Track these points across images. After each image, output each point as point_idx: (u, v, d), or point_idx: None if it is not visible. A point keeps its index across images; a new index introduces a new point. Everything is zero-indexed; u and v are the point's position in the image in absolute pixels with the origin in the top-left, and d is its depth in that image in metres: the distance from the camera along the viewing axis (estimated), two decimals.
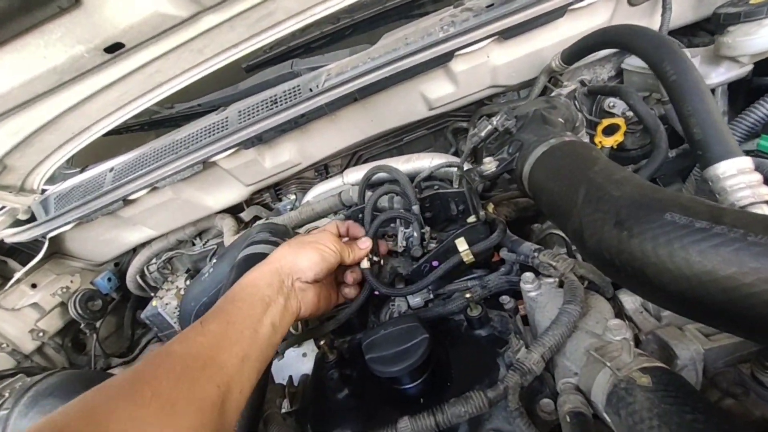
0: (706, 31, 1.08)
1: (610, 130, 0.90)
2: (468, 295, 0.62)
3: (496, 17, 0.88)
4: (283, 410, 0.66)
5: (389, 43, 0.98)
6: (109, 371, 1.39)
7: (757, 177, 0.45)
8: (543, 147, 0.57)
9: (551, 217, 0.53)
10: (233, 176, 1.11)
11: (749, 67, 0.80)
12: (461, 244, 0.69)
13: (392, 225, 0.85)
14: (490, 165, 0.66)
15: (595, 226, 0.41)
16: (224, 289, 0.63)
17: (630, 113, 0.98)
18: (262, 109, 1.02)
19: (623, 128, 0.87)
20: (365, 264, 0.73)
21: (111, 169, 1.18)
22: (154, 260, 1.39)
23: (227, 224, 1.25)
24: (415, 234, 0.75)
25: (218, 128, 1.03)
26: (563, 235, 0.81)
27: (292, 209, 1.32)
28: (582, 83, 1.06)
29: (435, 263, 0.73)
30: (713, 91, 0.94)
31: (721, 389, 0.50)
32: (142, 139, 1.61)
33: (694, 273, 0.33)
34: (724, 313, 0.32)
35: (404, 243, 0.78)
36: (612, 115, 1.05)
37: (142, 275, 1.39)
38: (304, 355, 0.88)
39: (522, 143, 0.64)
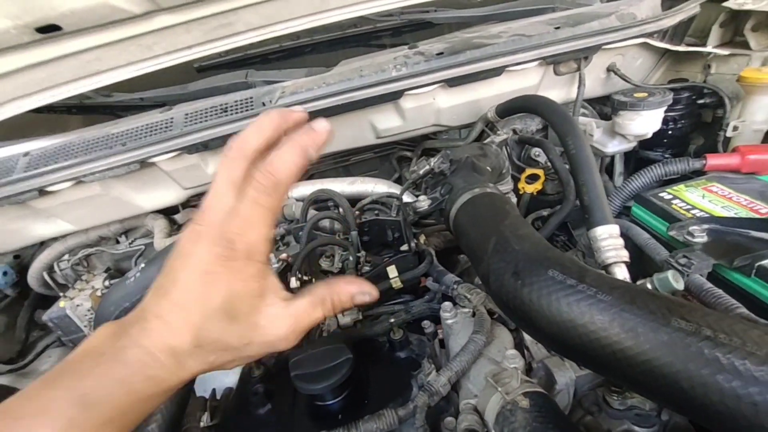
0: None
1: (532, 178, 1.03)
2: (392, 320, 0.68)
3: (445, 66, 0.97)
4: (203, 424, 0.66)
5: (345, 72, 1.04)
6: None
7: (621, 242, 0.57)
8: (468, 195, 0.66)
9: (468, 257, 0.62)
10: (172, 178, 1.07)
11: (634, 143, 0.98)
12: (392, 272, 0.76)
13: (330, 245, 0.90)
14: (423, 203, 0.74)
15: (498, 273, 0.49)
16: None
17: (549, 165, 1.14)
18: (211, 115, 1.01)
19: (542, 178, 1.01)
20: (294, 283, 0.76)
21: (26, 154, 1.08)
22: (67, 256, 1.28)
23: (159, 225, 1.20)
24: (351, 258, 0.80)
25: (162, 128, 1.00)
26: None
27: None
28: (514, 132, 1.21)
29: None
30: (612, 157, 1.13)
31: (583, 408, 0.62)
32: (66, 124, 1.48)
33: (563, 320, 0.42)
34: (580, 353, 0.41)
35: (340, 264, 0.83)
36: (537, 163, 1.20)
37: (51, 271, 1.26)
38: None
39: (452, 187, 0.73)
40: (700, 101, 1.05)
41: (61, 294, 1.21)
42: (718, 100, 1.01)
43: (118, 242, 1.33)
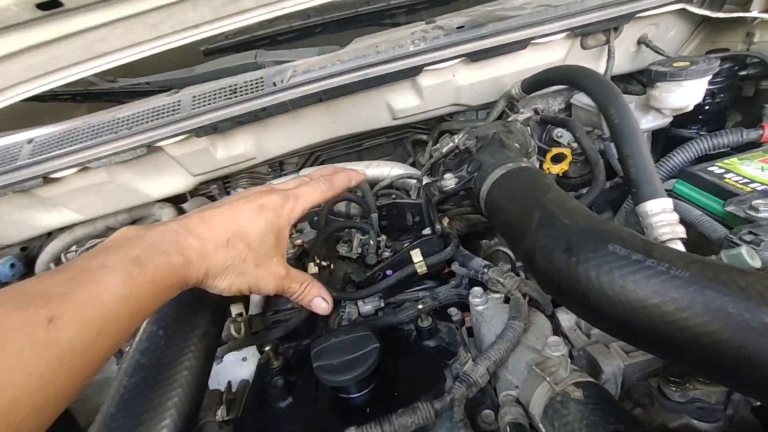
0: (638, 81, 1.22)
1: (557, 159, 0.97)
2: (420, 306, 0.63)
3: (466, 39, 0.91)
4: (219, 418, 0.62)
5: (360, 49, 0.98)
6: None
7: (675, 217, 0.52)
8: (501, 170, 0.61)
9: (504, 236, 0.57)
10: (180, 164, 1.03)
11: (670, 119, 0.91)
12: (416, 256, 0.71)
13: (347, 230, 0.85)
14: (450, 181, 0.69)
15: (546, 250, 0.44)
16: None
17: (575, 144, 1.08)
18: (220, 97, 0.96)
19: (569, 158, 0.95)
20: (313, 269, 0.72)
21: (30, 141, 1.04)
22: (74, 247, 1.25)
23: (167, 214, 1.16)
24: (371, 242, 0.75)
25: (168, 111, 0.96)
26: (508, 252, 0.86)
27: None
28: (535, 111, 1.14)
29: (389, 272, 0.73)
30: None
31: (633, 400, 0.57)
32: (71, 112, 1.44)
33: (629, 300, 0.36)
34: (647, 336, 0.36)
35: (359, 250, 0.78)
36: (559, 144, 1.14)
37: (58, 262, 1.23)
38: (244, 359, 0.84)
39: (481, 164, 0.68)
40: (742, 72, 0.98)
41: None
42: (764, 69, 0.94)
43: None
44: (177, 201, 1.21)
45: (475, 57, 0.93)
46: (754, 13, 1.00)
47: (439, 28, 0.99)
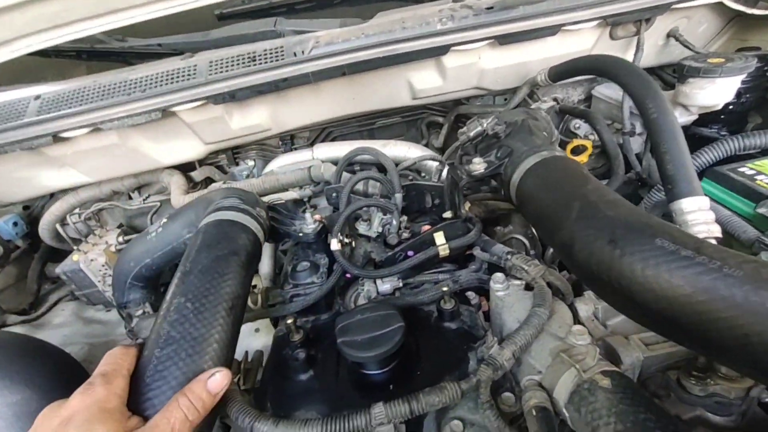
0: (659, 77, 1.20)
1: (577, 151, 0.97)
2: (445, 288, 0.63)
3: (495, 21, 0.89)
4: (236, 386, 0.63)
5: (385, 23, 0.95)
6: (5, 329, 1.21)
7: (712, 216, 0.52)
8: (535, 158, 0.60)
9: (537, 225, 0.56)
10: (193, 131, 1.00)
11: (695, 116, 0.90)
12: (439, 238, 0.71)
13: (365, 208, 0.84)
14: (479, 165, 0.68)
15: (587, 241, 0.44)
16: (189, 257, 0.58)
17: (592, 136, 1.07)
18: (239, 64, 0.93)
19: (590, 150, 0.94)
20: (336, 245, 0.71)
21: (37, 97, 1.00)
22: (78, 209, 1.22)
23: (176, 182, 1.14)
24: (394, 222, 0.75)
25: (184, 75, 0.92)
26: (523, 239, 0.86)
27: (248, 176, 1.25)
28: (555, 101, 1.13)
29: (410, 253, 0.73)
30: None
31: (649, 391, 0.58)
32: (72, 69, 1.38)
33: (676, 295, 0.37)
34: (692, 333, 0.37)
35: (380, 229, 0.78)
36: (575, 135, 1.13)
37: (63, 224, 1.21)
38: (257, 330, 0.84)
39: (512, 150, 0.67)
40: None
41: (74, 247, 1.17)
42: None
43: (130, 198, 1.27)
44: (186, 169, 1.19)
45: (503, 40, 0.91)
46: None
47: (468, 7, 0.95)
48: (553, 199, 0.52)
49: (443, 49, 0.91)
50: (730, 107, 0.99)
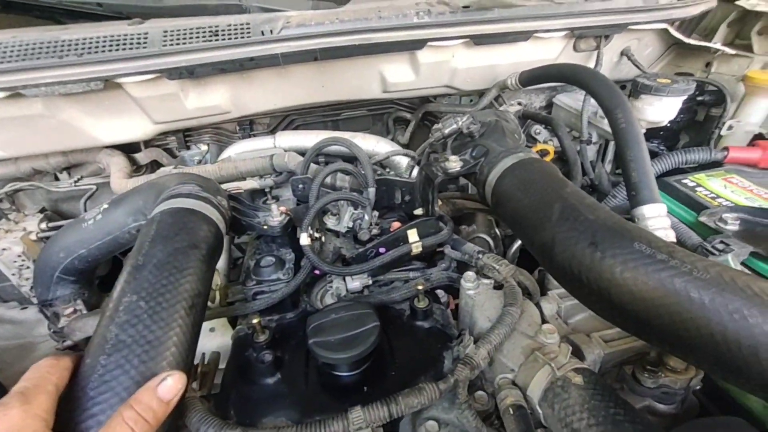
0: None
1: (539, 155, 1.01)
2: (420, 287, 0.63)
3: (472, 21, 0.89)
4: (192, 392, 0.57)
5: (360, 11, 0.92)
6: None
7: (669, 222, 0.56)
8: (512, 158, 0.61)
9: (515, 225, 0.57)
10: (141, 108, 0.90)
11: (643, 131, 0.98)
12: (413, 235, 0.70)
13: (334, 202, 0.81)
14: (455, 164, 0.68)
15: (568, 243, 0.45)
16: (141, 249, 0.51)
17: (551, 142, 1.13)
18: (198, 37, 0.84)
19: (551, 155, 0.98)
20: (306, 240, 0.68)
21: None
22: None
23: (117, 163, 1.01)
24: (366, 217, 0.72)
25: (132, 43, 0.82)
26: (487, 238, 0.88)
27: (200, 161, 1.15)
28: (519, 104, 1.17)
29: (381, 250, 0.71)
30: (605, 144, 1.14)
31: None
32: None
33: (651, 297, 0.39)
34: (665, 333, 0.39)
35: (350, 224, 0.75)
36: (535, 140, 1.18)
37: None
38: (212, 329, 0.78)
39: (488, 150, 0.67)
40: (700, 98, 1.08)
41: None
42: (717, 98, 1.04)
43: (57, 178, 1.11)
44: (128, 150, 1.07)
45: (478, 40, 0.92)
46: (717, 45, 1.11)
47: (444, 3, 0.95)
48: (532, 201, 0.53)
49: (420, 44, 0.90)
50: (668, 125, 1.09)
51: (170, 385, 0.40)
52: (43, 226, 1.00)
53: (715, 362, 0.37)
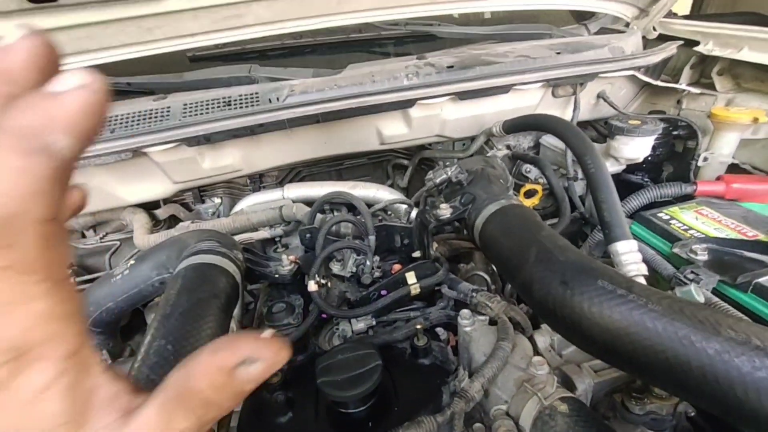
0: (594, 128, 1.39)
1: (529, 194, 1.08)
2: (419, 326, 0.68)
3: (456, 79, 1.00)
4: None
5: (356, 76, 1.03)
6: None
7: (639, 256, 0.62)
8: (495, 205, 0.68)
9: (499, 266, 0.63)
10: (163, 171, 1.00)
11: (623, 166, 1.06)
12: (411, 278, 0.76)
13: (340, 249, 0.88)
14: (446, 211, 0.75)
15: (544, 282, 0.51)
16: (168, 302, 0.58)
17: (541, 180, 1.20)
18: (214, 107, 0.96)
19: (540, 194, 1.06)
20: (313, 287, 0.74)
21: None
22: None
23: (139, 220, 1.11)
24: (368, 263, 0.79)
25: (157, 117, 0.93)
26: (485, 275, 0.94)
27: (214, 213, 1.24)
28: (508, 148, 1.26)
29: (383, 292, 0.77)
30: None
31: (599, 413, 0.65)
32: None
33: (615, 328, 0.44)
34: (630, 360, 0.44)
35: (353, 269, 0.81)
36: (527, 179, 1.26)
37: None
38: None
39: (474, 197, 0.75)
40: (675, 132, 1.16)
41: None
42: (691, 132, 1.12)
43: (84, 236, 1.21)
44: (148, 206, 1.17)
45: (463, 96, 1.02)
46: (682, 86, 1.21)
47: (431, 65, 1.07)
48: (512, 244, 0.59)
49: (410, 103, 1.01)
50: (649, 158, 1.17)
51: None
52: (71, 281, 1.08)
53: (675, 385, 0.41)
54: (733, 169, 1.11)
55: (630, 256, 0.61)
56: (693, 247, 0.67)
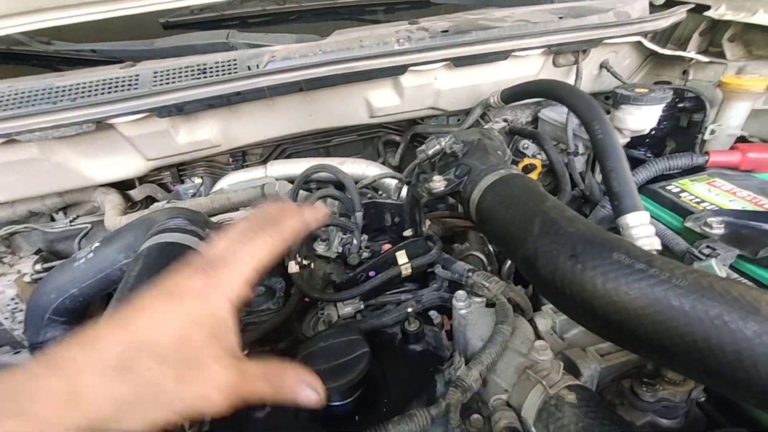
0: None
1: (527, 170, 1.02)
2: (410, 310, 0.62)
3: (451, 44, 0.92)
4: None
5: (343, 41, 0.95)
6: None
7: (652, 229, 0.56)
8: (493, 176, 0.62)
9: (499, 241, 0.57)
10: (133, 146, 0.92)
11: (628, 139, 1.00)
12: (401, 257, 0.70)
13: (323, 228, 0.81)
14: (439, 183, 0.68)
15: (550, 256, 0.45)
16: (127, 285, 0.51)
17: (540, 156, 1.14)
18: (187, 75, 0.87)
19: (539, 169, 0.99)
20: (294, 268, 0.68)
21: None
22: None
23: (111, 201, 1.03)
24: (355, 242, 0.73)
25: (124, 85, 0.85)
26: (480, 256, 0.88)
27: (194, 194, 1.17)
28: (506, 122, 1.19)
29: (371, 273, 0.71)
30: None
31: (606, 400, 0.60)
32: None
33: (633, 307, 0.38)
34: (650, 343, 0.38)
35: (339, 249, 0.75)
36: (524, 155, 1.20)
37: None
38: None
39: (470, 168, 0.68)
40: (680, 105, 1.10)
41: None
42: (697, 104, 1.06)
43: (53, 219, 1.13)
44: (123, 187, 1.09)
45: (458, 62, 0.95)
46: (691, 54, 1.14)
47: (424, 29, 0.99)
48: (513, 216, 0.53)
49: (401, 69, 0.93)
50: (653, 132, 1.10)
51: (313, 400, 0.38)
52: (38, 267, 1.01)
53: (702, 370, 0.36)
54: (741, 142, 1.05)
55: (642, 229, 0.55)
56: (708, 220, 0.62)
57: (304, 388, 0.38)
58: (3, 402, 0.27)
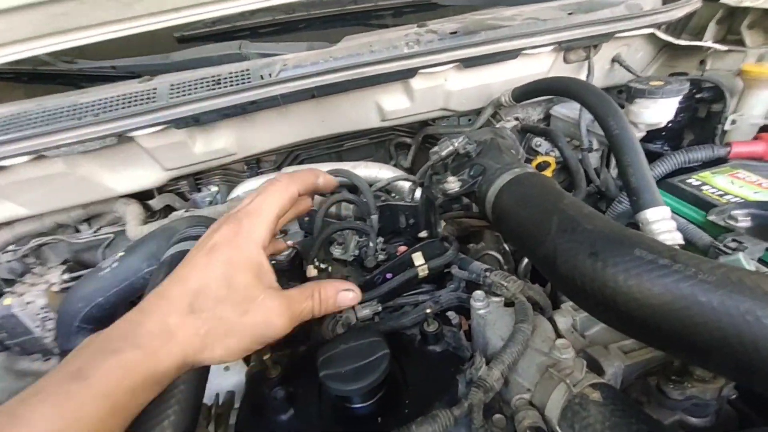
0: None
1: (541, 167, 1.01)
2: (428, 311, 0.62)
3: (460, 45, 0.92)
4: None
5: (353, 47, 0.96)
6: None
7: (674, 224, 0.55)
8: (509, 175, 0.61)
9: (516, 240, 0.57)
10: (152, 157, 0.95)
11: (644, 133, 0.98)
12: (418, 259, 0.70)
13: (340, 232, 0.82)
14: (454, 184, 0.68)
15: (569, 254, 0.45)
16: (149, 290, 0.53)
17: (553, 153, 1.13)
18: (202, 87, 0.90)
19: (553, 166, 0.98)
20: (312, 272, 0.69)
21: None
22: (13, 246, 1.11)
23: (132, 211, 1.06)
24: (371, 244, 0.73)
25: (143, 99, 0.87)
26: (497, 255, 0.88)
27: (211, 202, 1.19)
28: (517, 120, 1.18)
29: (388, 275, 0.72)
30: (608, 149, 1.13)
31: (631, 398, 0.59)
32: (9, 93, 1.28)
33: (659, 303, 0.38)
34: (677, 339, 0.37)
35: (356, 252, 0.76)
36: (537, 152, 1.19)
37: None
38: (227, 368, 0.78)
39: (485, 168, 0.68)
40: (698, 96, 1.07)
41: (7, 289, 1.04)
42: (716, 94, 1.04)
43: (77, 230, 1.17)
44: (142, 197, 1.12)
45: (468, 63, 0.95)
46: (708, 43, 1.11)
47: (432, 32, 0.99)
48: (531, 215, 0.53)
49: (411, 72, 0.93)
50: (669, 125, 1.08)
51: (350, 298, 0.52)
52: (65, 277, 1.04)
53: (735, 367, 0.35)
54: (763, 131, 1.02)
55: (662, 224, 0.54)
56: (732, 212, 0.60)
57: (342, 293, 0.50)
58: (120, 339, 0.37)
